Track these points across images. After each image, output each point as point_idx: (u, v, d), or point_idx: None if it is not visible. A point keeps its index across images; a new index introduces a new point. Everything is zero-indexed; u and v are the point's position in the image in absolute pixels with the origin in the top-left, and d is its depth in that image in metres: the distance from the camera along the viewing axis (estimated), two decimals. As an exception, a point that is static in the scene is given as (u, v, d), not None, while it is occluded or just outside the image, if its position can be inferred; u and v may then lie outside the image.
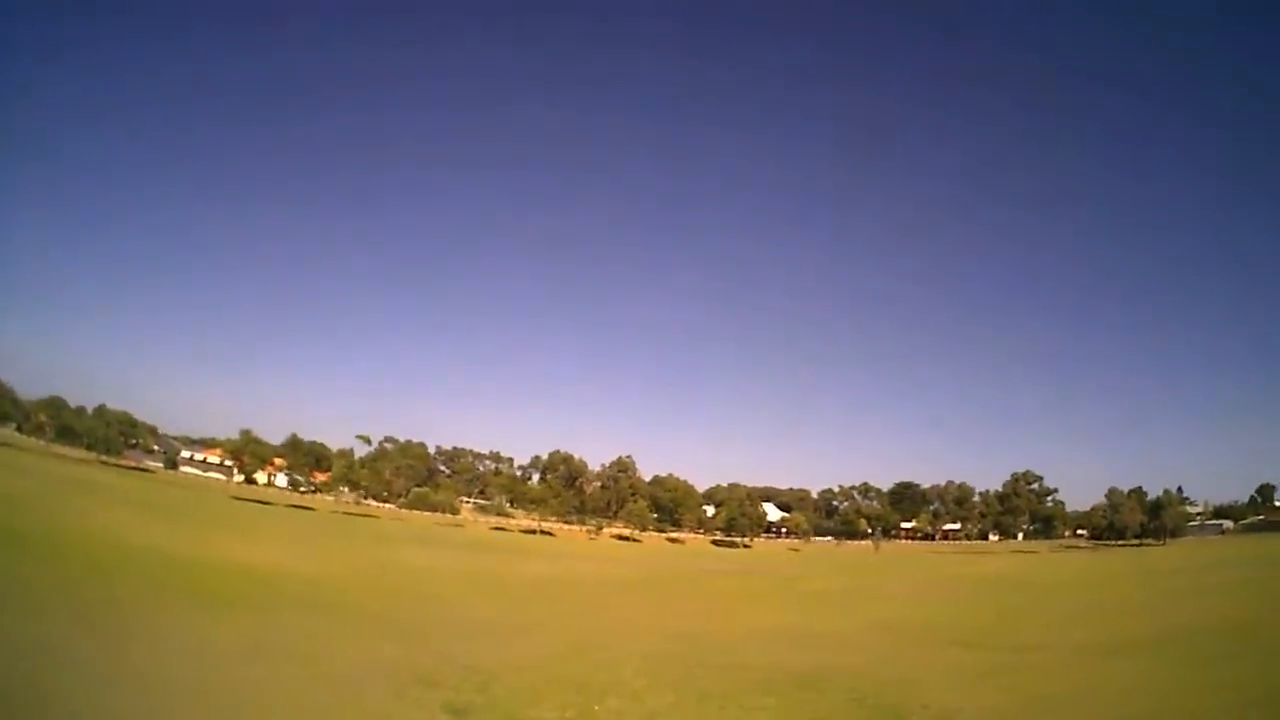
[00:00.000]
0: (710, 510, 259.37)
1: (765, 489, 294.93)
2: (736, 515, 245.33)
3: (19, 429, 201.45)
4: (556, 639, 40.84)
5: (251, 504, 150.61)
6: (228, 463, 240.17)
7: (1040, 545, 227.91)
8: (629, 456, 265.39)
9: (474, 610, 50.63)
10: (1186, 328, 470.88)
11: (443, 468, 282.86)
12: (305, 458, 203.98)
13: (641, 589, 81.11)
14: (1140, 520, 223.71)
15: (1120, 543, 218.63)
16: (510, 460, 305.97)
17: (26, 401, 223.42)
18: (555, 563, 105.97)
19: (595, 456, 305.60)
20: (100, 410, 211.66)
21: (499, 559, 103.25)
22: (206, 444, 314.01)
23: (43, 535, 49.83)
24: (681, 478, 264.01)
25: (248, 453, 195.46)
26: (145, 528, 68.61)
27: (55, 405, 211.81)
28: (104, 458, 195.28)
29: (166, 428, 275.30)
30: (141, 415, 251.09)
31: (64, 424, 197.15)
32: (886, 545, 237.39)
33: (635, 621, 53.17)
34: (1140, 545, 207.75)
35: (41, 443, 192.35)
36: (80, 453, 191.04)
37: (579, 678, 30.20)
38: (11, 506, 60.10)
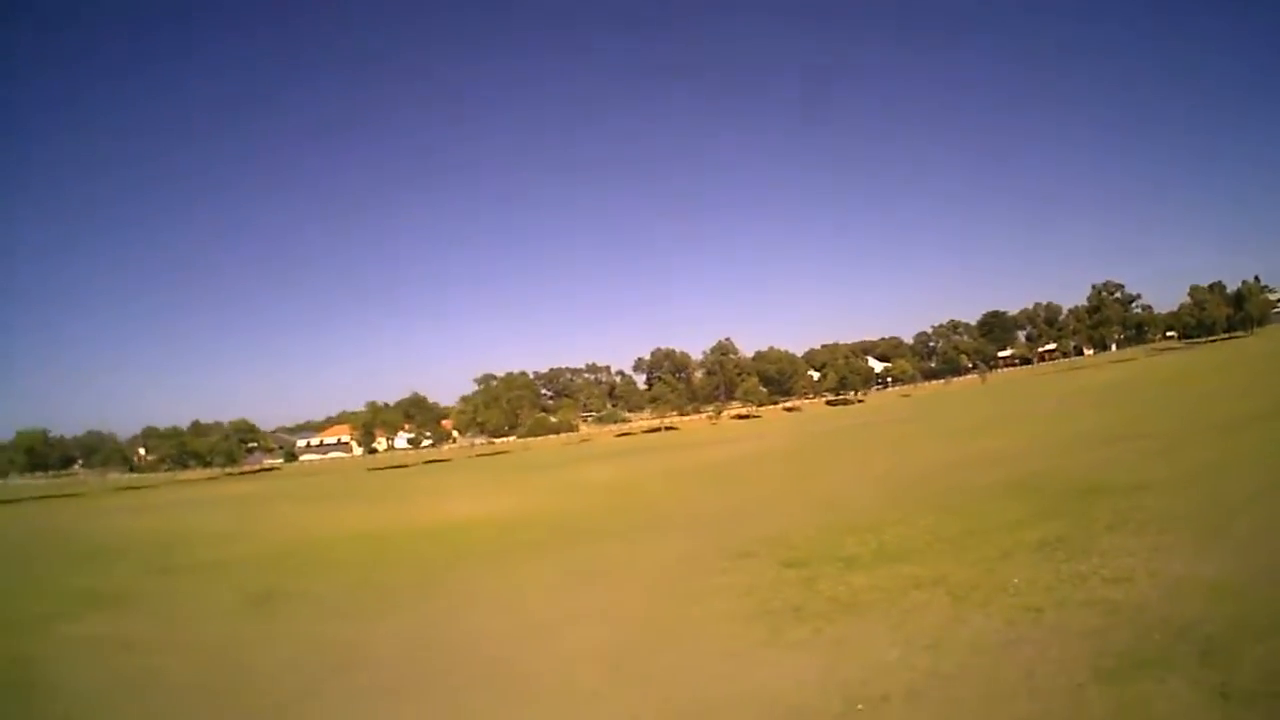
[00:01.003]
0: (815, 375, 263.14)
1: (860, 344, 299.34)
2: (845, 373, 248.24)
3: (131, 469, 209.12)
4: (799, 505, 44.76)
5: (392, 470, 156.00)
6: (343, 440, 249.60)
7: (1135, 352, 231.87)
8: (728, 339, 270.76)
9: (705, 502, 53.08)
10: (1242, 117, 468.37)
11: (545, 391, 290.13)
12: (428, 414, 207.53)
13: (816, 451, 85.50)
14: (1226, 314, 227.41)
15: (1210, 339, 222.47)
16: (607, 368, 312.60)
17: (124, 440, 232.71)
18: (718, 449, 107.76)
19: (692, 346, 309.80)
20: (203, 426, 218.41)
21: (664, 457, 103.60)
22: (316, 428, 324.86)
23: (289, 548, 52.21)
24: (781, 348, 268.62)
25: (378, 423, 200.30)
26: (335, 513, 73.31)
27: (175, 434, 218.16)
28: (228, 469, 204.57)
29: (266, 423, 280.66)
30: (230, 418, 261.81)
31: (183, 449, 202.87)
32: (991, 376, 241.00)
33: (842, 475, 57.95)
34: (1230, 338, 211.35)
35: (166, 473, 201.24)
36: (201, 472, 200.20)
37: (848, 524, 35.25)
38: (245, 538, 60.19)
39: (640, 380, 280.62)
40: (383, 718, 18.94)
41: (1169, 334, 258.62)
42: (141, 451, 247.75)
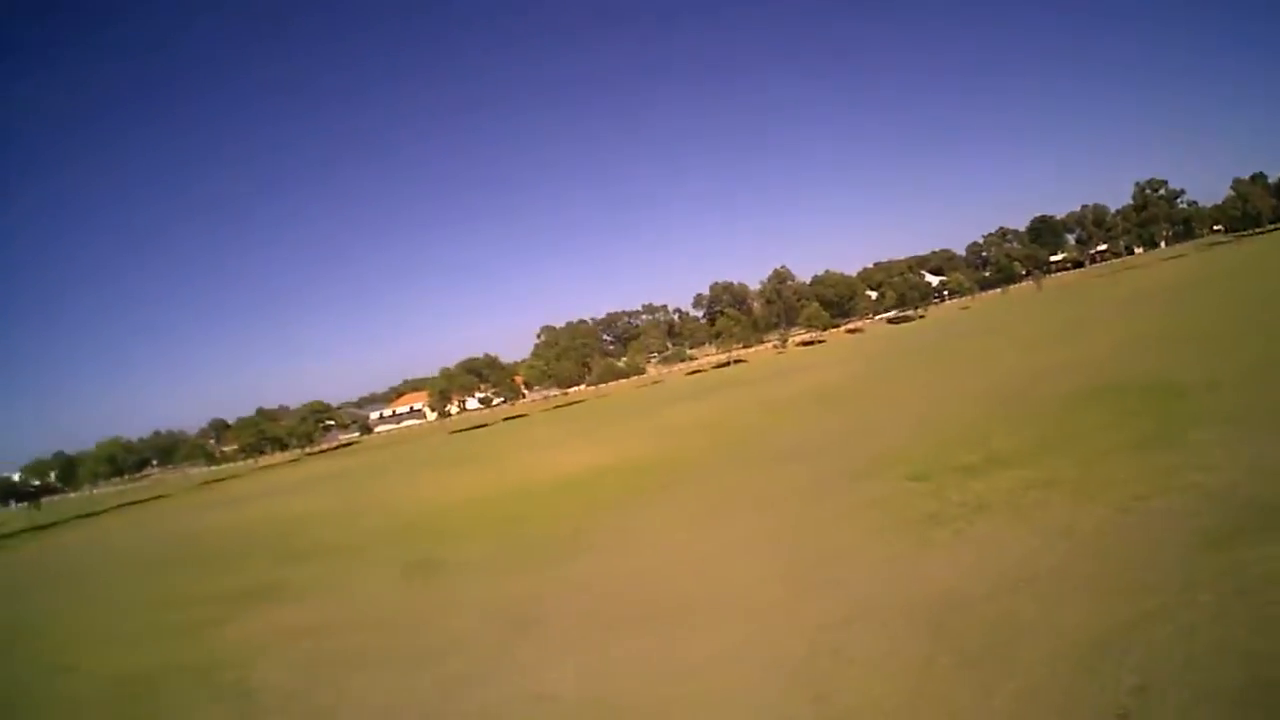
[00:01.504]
0: (872, 294, 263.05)
1: (912, 259, 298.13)
2: (904, 290, 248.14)
3: (211, 462, 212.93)
4: (898, 424, 46.72)
5: (475, 431, 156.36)
6: (415, 407, 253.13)
7: (1185, 248, 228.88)
8: (783, 266, 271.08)
9: (806, 431, 54.13)
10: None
11: (605, 336, 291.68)
12: (502, 373, 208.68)
13: (894, 371, 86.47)
14: (1270, 205, 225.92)
15: (1258, 230, 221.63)
16: (664, 307, 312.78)
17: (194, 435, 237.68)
18: (796, 377, 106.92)
19: (747, 278, 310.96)
20: (270, 411, 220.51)
21: (746, 391, 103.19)
22: (382, 399, 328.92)
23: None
24: (836, 271, 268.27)
25: (455, 387, 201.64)
26: (442, 479, 73.71)
27: (250, 422, 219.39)
28: (308, 450, 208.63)
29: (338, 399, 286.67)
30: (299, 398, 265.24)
31: (262, 435, 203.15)
32: (1046, 282, 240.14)
33: (929, 392, 59.11)
34: (1277, 229, 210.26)
35: (250, 462, 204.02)
36: (281, 456, 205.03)
37: (952, 437, 37.68)
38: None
39: (699, 316, 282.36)
40: (596, 660, 20.69)
41: (1216, 228, 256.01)
42: (211, 443, 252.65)
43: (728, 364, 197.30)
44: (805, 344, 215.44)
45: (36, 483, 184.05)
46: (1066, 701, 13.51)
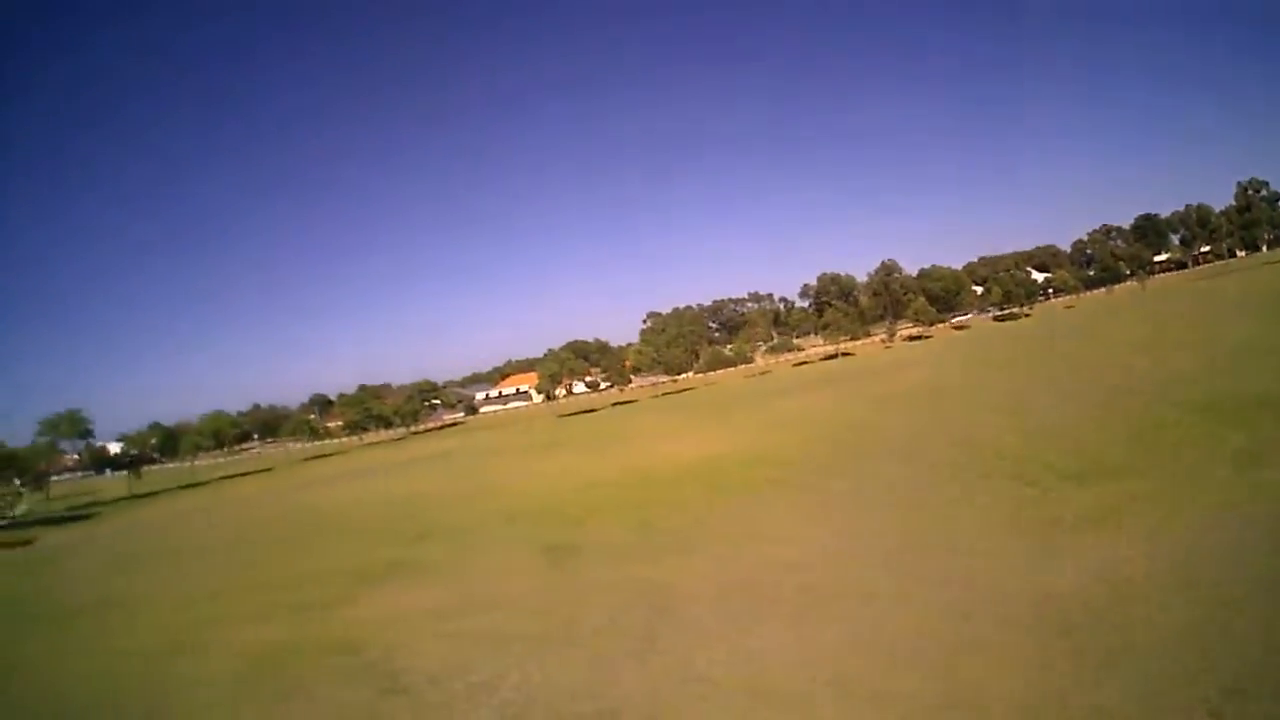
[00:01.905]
0: (978, 290, 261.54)
1: (1018, 254, 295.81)
2: (1009, 287, 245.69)
3: (315, 436, 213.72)
4: (1009, 426, 47.65)
5: (584, 415, 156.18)
6: (521, 389, 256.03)
7: None
8: (891, 260, 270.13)
9: (918, 429, 54.58)
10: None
11: (711, 324, 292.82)
12: (612, 357, 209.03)
13: (1002, 371, 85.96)
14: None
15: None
16: (770, 296, 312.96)
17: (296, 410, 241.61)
18: (904, 373, 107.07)
19: (854, 269, 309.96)
20: (372, 388, 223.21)
21: (855, 385, 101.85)
22: (485, 379, 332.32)
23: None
24: (943, 265, 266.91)
25: (565, 370, 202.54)
26: (558, 463, 74.18)
27: (357, 399, 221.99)
28: (413, 428, 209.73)
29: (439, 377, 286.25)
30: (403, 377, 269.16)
31: (368, 413, 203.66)
32: (1149, 282, 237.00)
33: (1038, 395, 58.92)
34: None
35: (354, 439, 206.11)
36: (386, 434, 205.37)
37: (1061, 443, 38.56)
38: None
39: (805, 306, 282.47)
40: (739, 645, 21.16)
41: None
42: (311, 418, 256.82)
43: (835, 356, 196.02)
44: (912, 339, 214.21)
45: (135, 452, 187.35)
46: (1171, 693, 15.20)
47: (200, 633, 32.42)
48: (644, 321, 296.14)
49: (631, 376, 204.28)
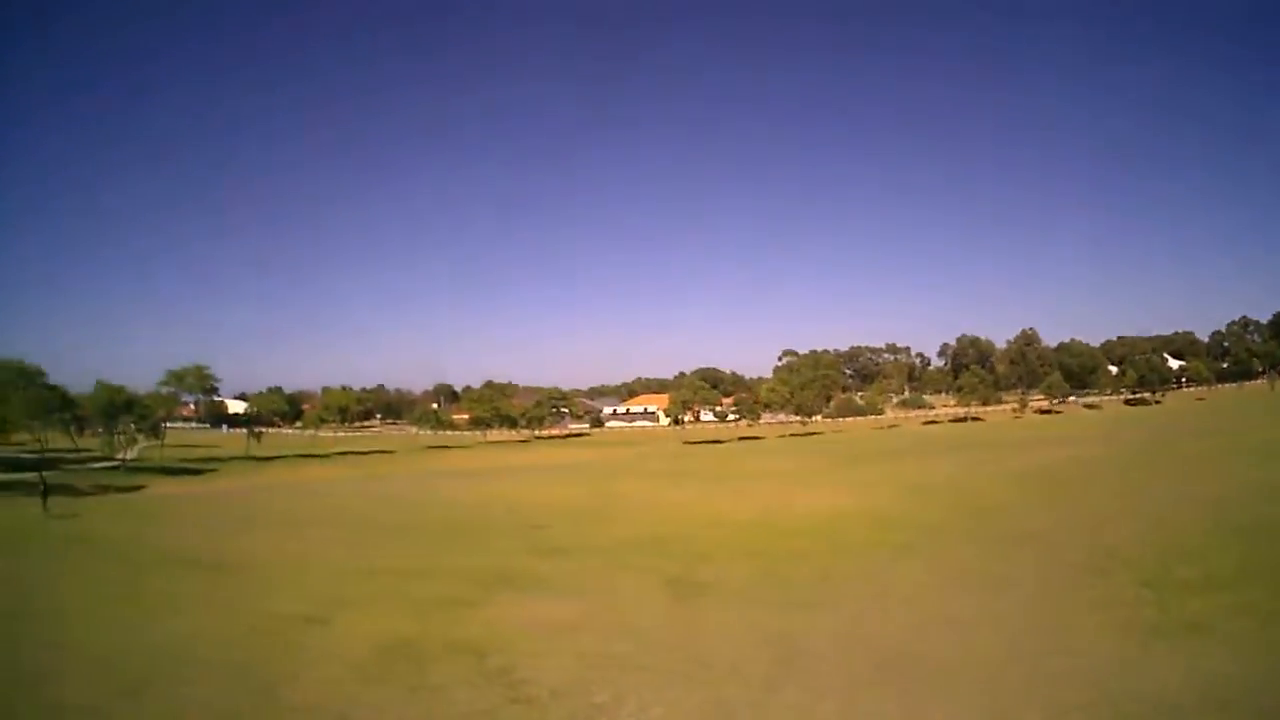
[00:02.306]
0: (1113, 369, 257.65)
1: (1156, 338, 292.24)
2: (1144, 371, 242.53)
3: (440, 426, 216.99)
4: (1134, 522, 46.54)
5: (709, 446, 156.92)
6: (649, 409, 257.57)
7: None
8: (1032, 329, 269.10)
9: (1046, 512, 54.18)
10: None
11: (846, 370, 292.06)
12: (745, 390, 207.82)
13: (1135, 461, 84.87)
14: None
15: None
16: (907, 349, 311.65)
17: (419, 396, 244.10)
18: (1037, 451, 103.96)
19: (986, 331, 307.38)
20: (497, 385, 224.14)
21: (986, 456, 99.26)
22: (611, 392, 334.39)
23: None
24: (1081, 340, 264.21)
25: (697, 399, 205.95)
26: (685, 494, 74.58)
27: (485, 397, 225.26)
28: (537, 433, 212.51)
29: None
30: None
31: (496, 411, 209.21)
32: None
33: (1167, 493, 57.86)
34: None
35: (477, 433, 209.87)
36: (509, 433, 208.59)
37: (1182, 547, 37.83)
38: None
39: (939, 364, 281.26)
40: (857, 707, 20.91)
41: None
42: (434, 407, 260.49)
43: (965, 420, 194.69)
44: (1042, 412, 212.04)
45: (256, 412, 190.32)
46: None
47: (324, 610, 33.27)
48: (779, 359, 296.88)
49: (761, 413, 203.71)
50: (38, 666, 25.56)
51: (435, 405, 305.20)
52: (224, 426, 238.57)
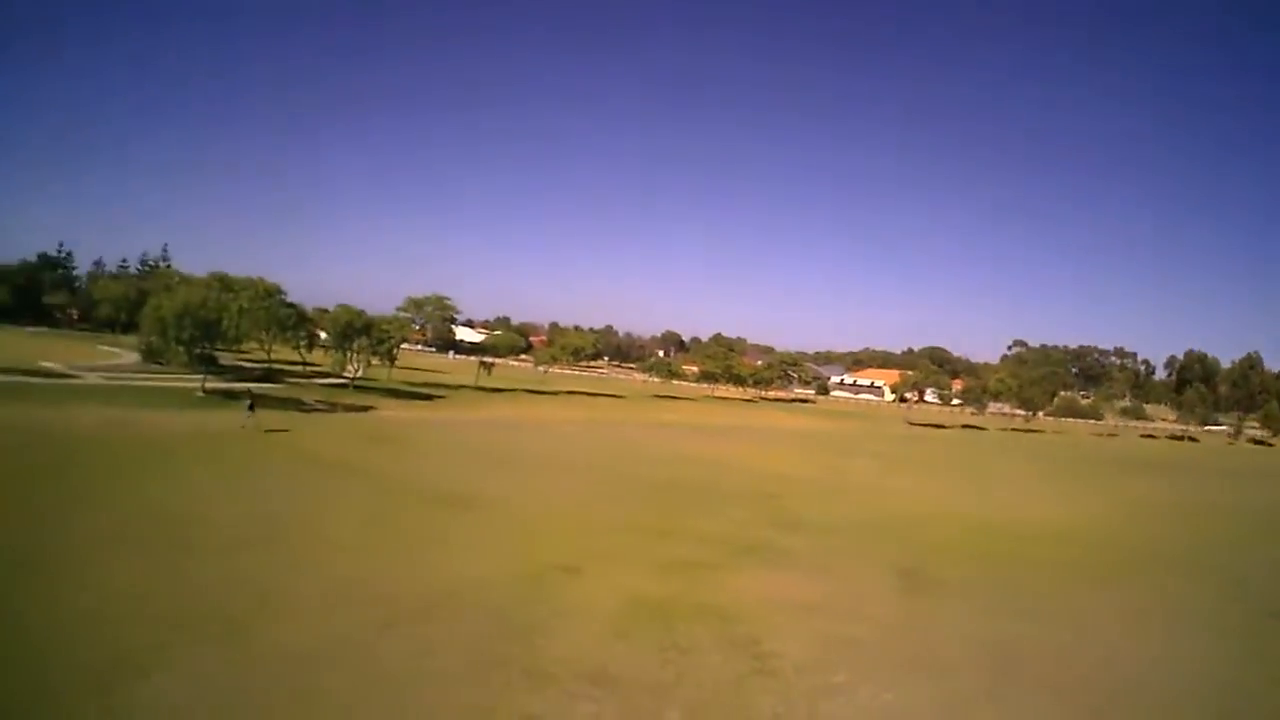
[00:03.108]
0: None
1: None
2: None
3: (671, 376, 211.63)
4: None
5: (933, 430, 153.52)
6: (875, 384, 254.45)
7: None
8: (1256, 353, 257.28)
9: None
10: None
11: (1073, 368, 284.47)
12: (975, 378, 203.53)
13: None
14: None
15: None
16: (1134, 355, 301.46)
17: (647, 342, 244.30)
18: (1259, 483, 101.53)
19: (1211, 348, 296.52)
20: (728, 339, 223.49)
21: (1213, 484, 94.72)
22: (834, 359, 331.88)
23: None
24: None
25: (928, 380, 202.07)
26: (918, 482, 74.26)
27: (720, 353, 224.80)
28: (763, 394, 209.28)
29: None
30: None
31: (729, 369, 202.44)
32: None
33: None
34: None
35: (704, 386, 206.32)
36: (735, 390, 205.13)
37: None
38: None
39: (1161, 374, 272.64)
40: None
41: None
42: (660, 355, 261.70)
43: (1181, 438, 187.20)
44: (1255, 442, 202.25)
45: (487, 342, 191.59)
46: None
47: (577, 560, 34.25)
48: (1008, 348, 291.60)
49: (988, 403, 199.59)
50: (297, 591, 27.02)
51: (661, 354, 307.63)
52: (450, 353, 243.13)
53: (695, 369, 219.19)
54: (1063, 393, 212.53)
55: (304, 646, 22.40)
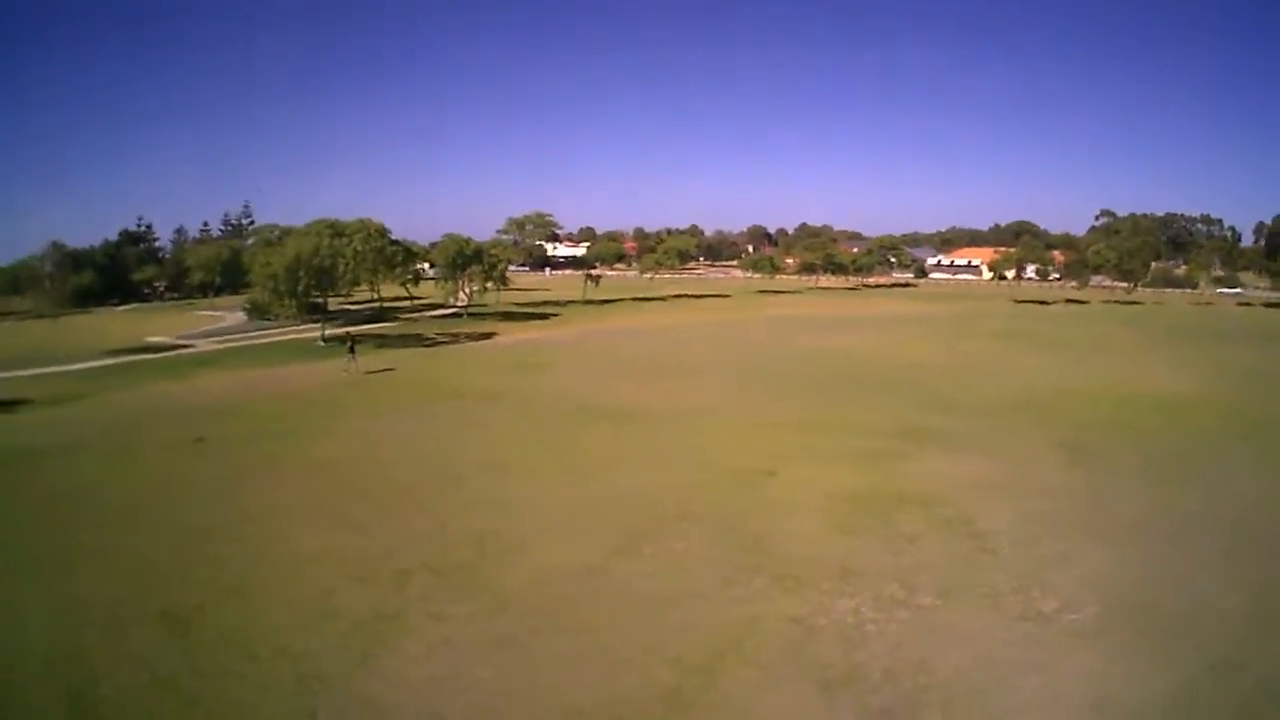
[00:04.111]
0: None
1: None
2: None
3: (775, 269, 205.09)
4: None
5: (1038, 305, 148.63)
6: (973, 263, 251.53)
7: None
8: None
9: None
10: None
11: (1162, 237, 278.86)
12: (1074, 254, 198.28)
13: None
14: None
15: None
16: (1219, 221, 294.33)
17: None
18: None
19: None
20: (814, 227, 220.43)
21: None
22: (929, 240, 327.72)
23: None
24: None
25: (1031, 258, 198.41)
26: (1053, 362, 71.22)
27: (820, 244, 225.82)
28: (865, 281, 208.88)
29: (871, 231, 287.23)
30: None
31: (830, 259, 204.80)
32: None
33: None
34: None
35: (804, 278, 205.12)
36: (835, 279, 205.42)
37: None
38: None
39: (1248, 240, 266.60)
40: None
41: None
42: (761, 251, 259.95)
43: (1278, 305, 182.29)
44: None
45: (585, 255, 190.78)
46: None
47: (769, 463, 34.66)
48: (1096, 218, 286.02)
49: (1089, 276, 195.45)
50: (529, 523, 27.34)
51: (750, 249, 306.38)
52: (546, 270, 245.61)
53: (794, 261, 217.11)
54: (1155, 263, 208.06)
55: (557, 570, 23.26)
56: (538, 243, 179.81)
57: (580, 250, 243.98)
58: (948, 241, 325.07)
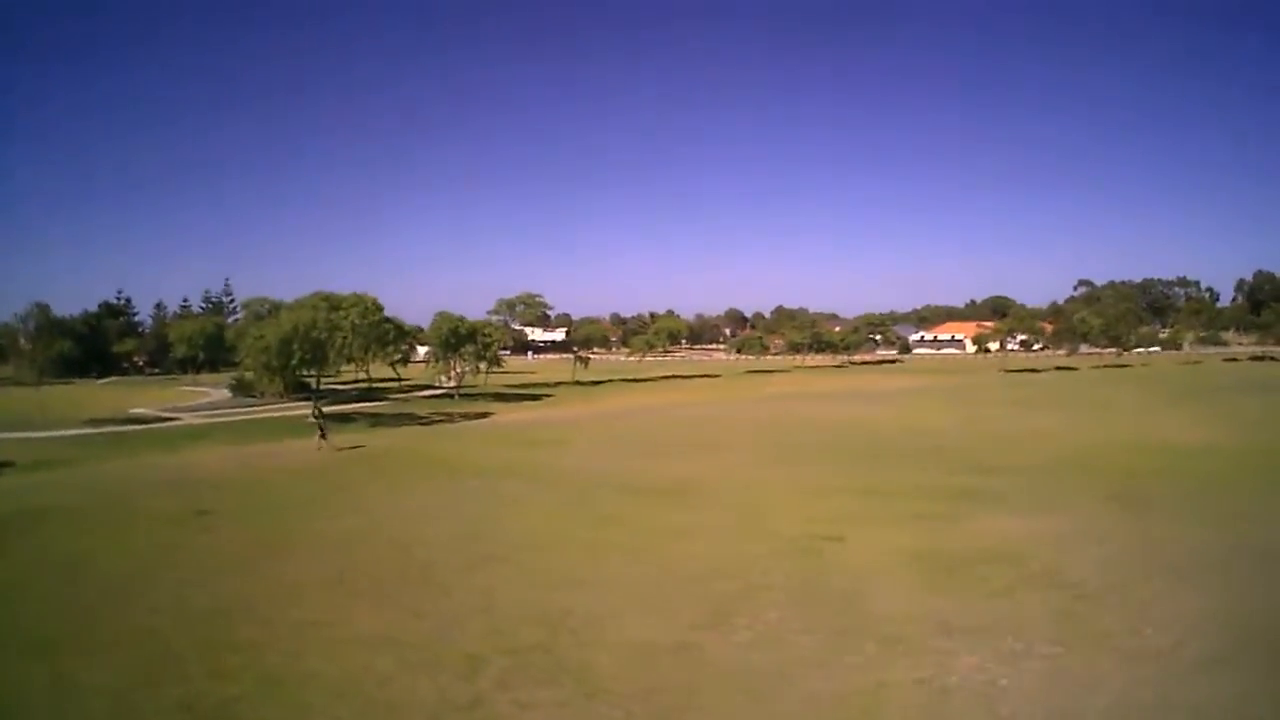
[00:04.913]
0: None
1: None
2: None
3: (764, 351, 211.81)
4: None
5: (1030, 374, 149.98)
6: (956, 337, 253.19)
7: None
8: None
9: None
10: None
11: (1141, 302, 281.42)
12: (1066, 323, 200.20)
13: None
14: None
15: None
16: (1196, 283, 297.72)
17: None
18: None
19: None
20: (790, 310, 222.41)
21: None
22: (905, 319, 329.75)
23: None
24: None
25: (1021, 328, 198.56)
26: (1070, 420, 74.41)
27: (808, 323, 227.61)
28: (851, 358, 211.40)
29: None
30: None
31: (817, 338, 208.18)
32: None
33: None
34: None
35: (792, 357, 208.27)
36: (825, 358, 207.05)
37: None
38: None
39: (1226, 298, 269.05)
40: None
41: None
42: (743, 331, 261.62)
43: (1263, 359, 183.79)
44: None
45: (568, 339, 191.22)
46: None
47: (830, 529, 33.31)
48: (1074, 288, 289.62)
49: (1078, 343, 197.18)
50: (599, 600, 25.76)
51: (728, 332, 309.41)
52: (529, 353, 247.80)
53: (780, 341, 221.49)
54: (1138, 327, 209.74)
55: (645, 648, 21.06)
56: (523, 325, 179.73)
57: (559, 335, 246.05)
58: (924, 319, 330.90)
